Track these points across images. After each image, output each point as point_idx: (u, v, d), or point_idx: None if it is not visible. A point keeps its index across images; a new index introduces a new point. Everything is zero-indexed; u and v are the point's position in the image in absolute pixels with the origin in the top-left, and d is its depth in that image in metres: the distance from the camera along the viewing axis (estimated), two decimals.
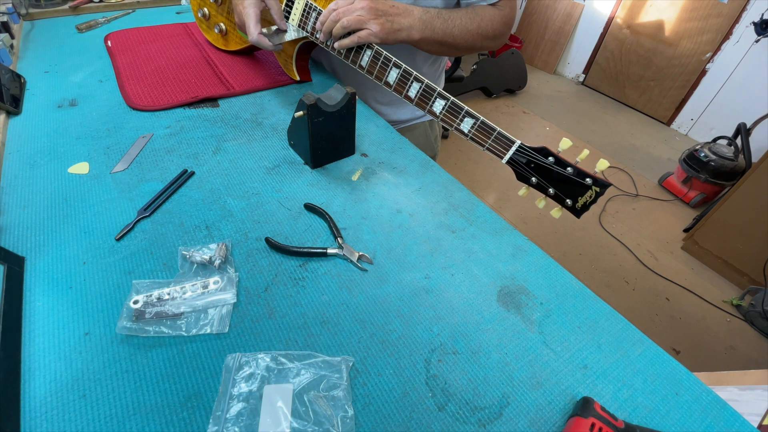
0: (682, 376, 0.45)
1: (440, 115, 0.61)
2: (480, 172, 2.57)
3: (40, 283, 0.48)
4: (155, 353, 0.43)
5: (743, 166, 2.26)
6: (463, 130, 0.59)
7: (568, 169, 0.53)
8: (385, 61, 0.64)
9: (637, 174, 2.68)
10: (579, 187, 0.53)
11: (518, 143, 0.56)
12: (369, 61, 0.66)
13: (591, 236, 2.20)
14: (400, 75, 0.63)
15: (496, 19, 0.78)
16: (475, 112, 0.58)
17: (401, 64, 0.63)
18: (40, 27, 1.09)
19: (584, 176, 0.53)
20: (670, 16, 3.01)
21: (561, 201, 0.56)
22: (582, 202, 0.54)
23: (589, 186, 0.52)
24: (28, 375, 0.40)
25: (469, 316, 0.49)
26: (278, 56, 0.89)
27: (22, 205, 0.58)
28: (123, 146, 0.70)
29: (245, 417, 0.38)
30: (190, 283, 0.48)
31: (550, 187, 0.56)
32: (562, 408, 0.42)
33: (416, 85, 0.62)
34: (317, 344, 0.45)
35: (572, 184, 0.54)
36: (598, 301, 0.52)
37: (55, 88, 0.83)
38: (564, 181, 0.54)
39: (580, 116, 3.30)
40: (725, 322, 1.82)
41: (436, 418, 0.40)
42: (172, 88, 0.84)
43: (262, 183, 0.65)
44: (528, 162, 0.56)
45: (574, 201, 0.54)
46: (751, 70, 2.69)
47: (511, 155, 0.57)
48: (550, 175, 0.55)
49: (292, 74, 0.88)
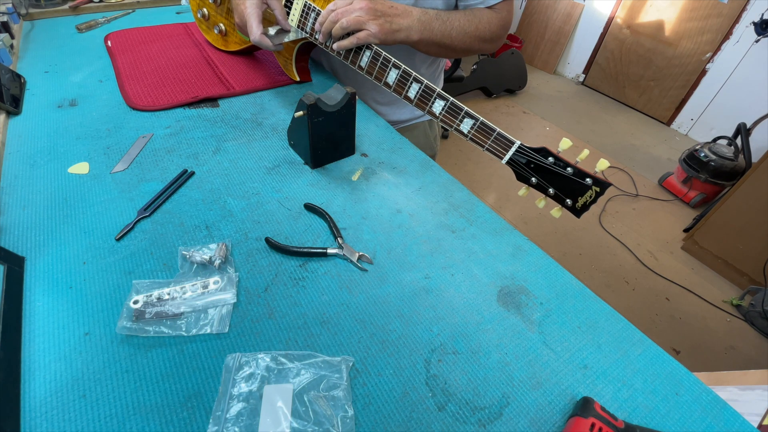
0: (682, 376, 0.45)
1: (440, 116, 0.61)
2: (480, 172, 2.57)
3: (40, 283, 0.48)
4: (155, 353, 0.43)
5: (743, 166, 2.26)
6: (463, 131, 0.59)
7: (567, 169, 0.53)
8: (384, 61, 0.64)
9: (637, 174, 2.68)
10: (579, 187, 0.53)
11: (518, 144, 0.56)
12: (368, 61, 0.66)
13: (591, 236, 2.20)
14: (399, 75, 0.63)
15: (493, 22, 0.78)
16: (474, 113, 0.58)
17: (401, 65, 0.63)
18: (40, 27, 1.09)
19: (584, 176, 0.52)
20: (670, 16, 3.01)
21: (561, 201, 0.56)
22: (582, 202, 0.54)
23: (589, 186, 0.52)
24: (28, 375, 0.40)
25: (469, 316, 0.49)
26: (278, 56, 0.89)
27: (22, 205, 0.58)
28: (123, 146, 0.70)
29: (245, 417, 0.38)
30: (190, 283, 0.48)
31: (550, 187, 0.56)
32: (562, 408, 0.42)
33: (416, 85, 0.62)
34: (317, 344, 0.45)
35: (572, 184, 0.54)
36: (598, 301, 0.53)
37: (55, 88, 0.83)
38: (564, 181, 0.54)
39: (580, 116, 3.30)
40: (725, 322, 1.82)
41: (436, 418, 0.40)
42: (172, 88, 0.84)
43: (262, 183, 0.65)
44: (528, 162, 0.56)
45: (574, 201, 0.54)
46: (751, 70, 2.69)
47: (511, 156, 0.57)
48: (550, 175, 0.55)
49: (291, 75, 0.88)
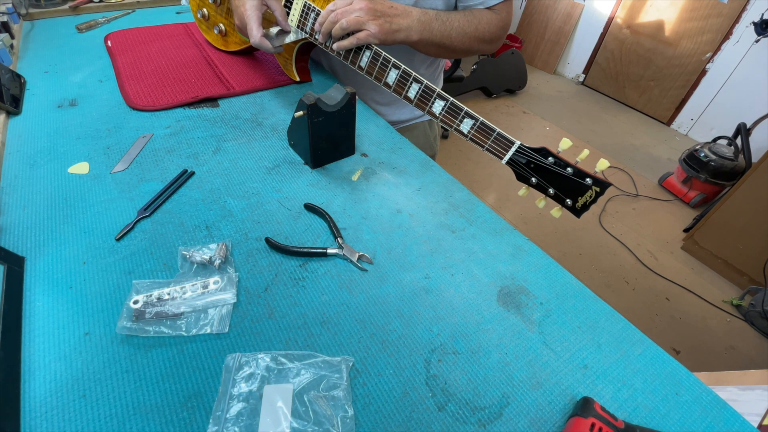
0: (682, 376, 0.45)
1: (440, 116, 0.61)
2: (480, 172, 2.57)
3: (40, 283, 0.48)
4: (155, 353, 0.43)
5: (743, 166, 2.26)
6: (463, 131, 0.59)
7: (567, 169, 0.53)
8: (384, 61, 0.64)
9: (637, 174, 2.68)
10: (579, 187, 0.53)
11: (518, 144, 0.56)
12: (368, 61, 0.66)
13: (591, 236, 2.20)
14: (399, 75, 0.63)
15: (493, 23, 0.78)
16: (474, 113, 0.58)
17: (400, 65, 0.63)
18: (40, 27, 1.09)
19: (584, 176, 0.52)
20: (670, 16, 3.01)
21: (561, 201, 0.56)
22: (582, 202, 0.54)
23: (589, 186, 0.52)
24: (28, 375, 0.40)
25: (469, 316, 0.49)
26: (278, 57, 0.89)
27: (22, 205, 0.58)
28: (123, 146, 0.70)
29: (245, 417, 0.38)
30: (190, 283, 0.48)
31: (550, 187, 0.56)
32: (562, 408, 0.42)
33: (416, 85, 0.62)
34: (317, 344, 0.45)
35: (572, 184, 0.54)
36: (598, 301, 0.53)
37: (55, 88, 0.83)
38: (564, 181, 0.54)
39: (580, 116, 3.30)
40: (725, 322, 1.82)
41: (436, 418, 0.40)
42: (172, 88, 0.84)
43: (262, 183, 0.65)
44: (528, 162, 0.56)
45: (574, 201, 0.54)
46: (751, 70, 2.69)
47: (511, 156, 0.57)
48: (549, 175, 0.55)
49: (291, 75, 0.88)
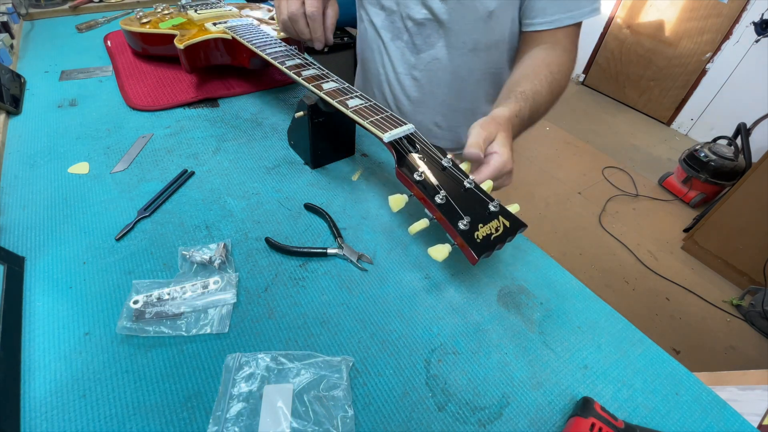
0: (682, 376, 0.45)
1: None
2: None
3: (40, 283, 0.48)
4: (155, 353, 0.43)
5: (743, 166, 2.26)
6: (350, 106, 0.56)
7: (467, 181, 0.45)
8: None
9: (637, 174, 2.68)
10: (481, 209, 0.42)
11: (411, 127, 0.52)
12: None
13: (591, 236, 2.20)
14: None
15: (564, 65, 0.73)
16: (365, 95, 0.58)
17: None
18: (40, 27, 1.09)
19: (489, 198, 0.43)
20: (670, 16, 3.01)
21: (452, 219, 0.43)
22: (484, 233, 0.41)
23: (495, 214, 0.41)
24: (28, 375, 0.40)
25: (469, 316, 0.49)
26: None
27: (22, 205, 0.58)
28: (123, 146, 0.70)
29: (245, 417, 0.38)
30: (190, 283, 0.48)
31: (442, 189, 0.44)
32: (562, 408, 0.42)
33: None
34: (317, 344, 0.45)
35: (472, 201, 0.43)
36: (598, 301, 0.52)
37: (55, 88, 0.83)
38: (466, 194, 0.43)
39: (580, 116, 3.30)
40: (725, 322, 1.82)
41: (436, 418, 0.40)
42: (172, 88, 0.84)
43: (262, 183, 0.65)
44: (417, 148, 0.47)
45: (473, 227, 0.42)
46: (751, 70, 2.69)
47: (397, 137, 0.51)
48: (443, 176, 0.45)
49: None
